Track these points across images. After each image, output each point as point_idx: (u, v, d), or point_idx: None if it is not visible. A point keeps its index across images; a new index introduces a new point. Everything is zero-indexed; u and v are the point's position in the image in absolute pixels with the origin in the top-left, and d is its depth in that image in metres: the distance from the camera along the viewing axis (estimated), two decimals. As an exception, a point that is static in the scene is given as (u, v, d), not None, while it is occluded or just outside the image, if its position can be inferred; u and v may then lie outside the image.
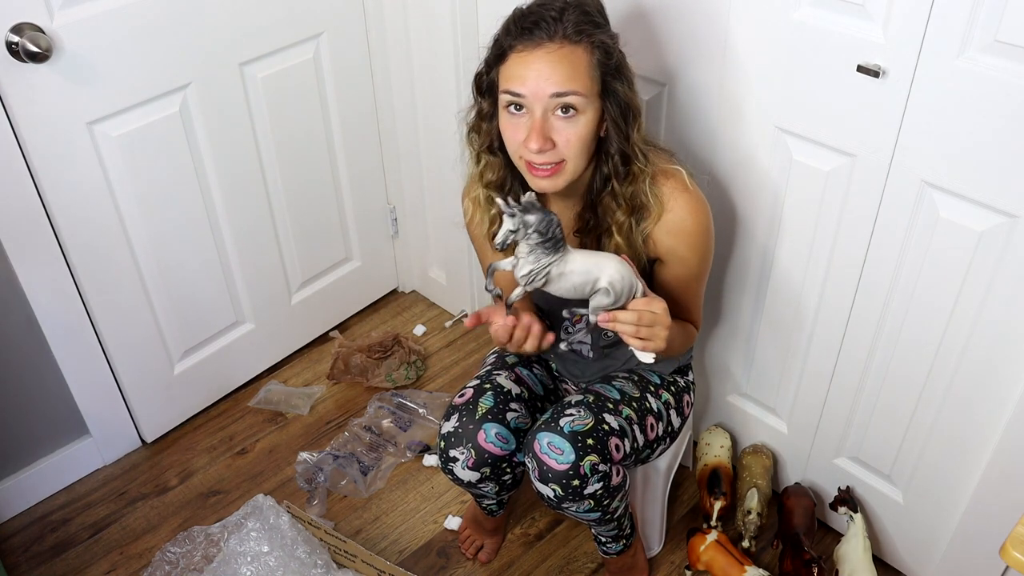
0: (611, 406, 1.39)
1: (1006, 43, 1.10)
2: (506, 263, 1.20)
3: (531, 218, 1.13)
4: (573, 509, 1.36)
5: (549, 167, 1.21)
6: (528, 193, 1.15)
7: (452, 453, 1.41)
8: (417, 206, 2.24)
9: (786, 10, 1.30)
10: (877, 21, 1.21)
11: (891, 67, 1.22)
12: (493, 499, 1.59)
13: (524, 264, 1.17)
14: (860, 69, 1.24)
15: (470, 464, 1.41)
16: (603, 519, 1.41)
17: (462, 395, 1.45)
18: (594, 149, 1.25)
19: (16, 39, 1.43)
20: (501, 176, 1.33)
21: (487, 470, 1.42)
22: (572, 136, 1.19)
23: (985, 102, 1.15)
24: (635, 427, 1.41)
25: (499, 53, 1.21)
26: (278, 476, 1.94)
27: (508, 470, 1.44)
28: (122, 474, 1.96)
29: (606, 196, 1.29)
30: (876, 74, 1.22)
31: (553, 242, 1.15)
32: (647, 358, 1.22)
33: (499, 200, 1.14)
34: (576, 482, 1.31)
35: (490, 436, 1.39)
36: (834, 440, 1.65)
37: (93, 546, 1.80)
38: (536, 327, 1.24)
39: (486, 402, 1.41)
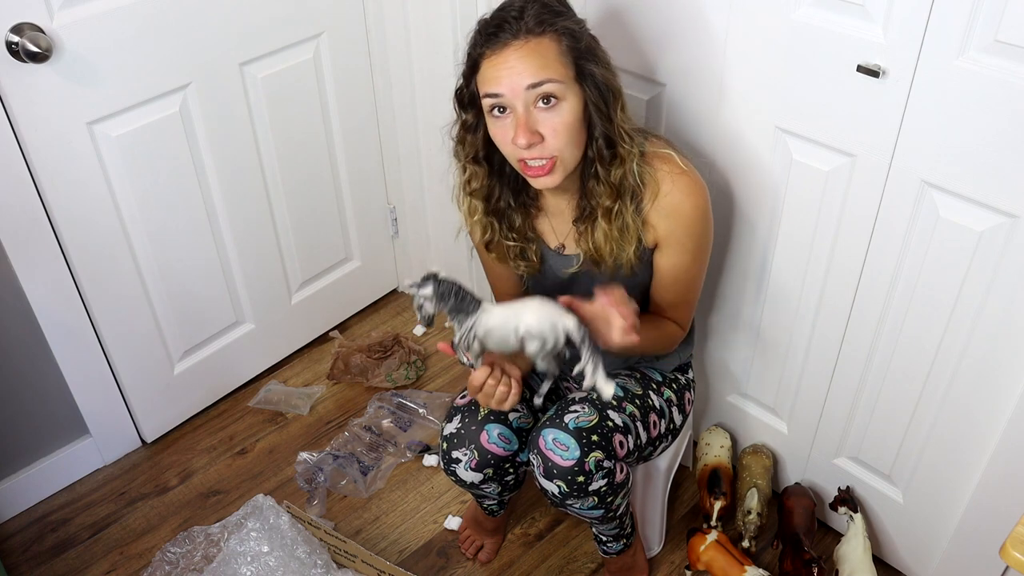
0: (615, 403, 1.40)
1: (1006, 43, 1.10)
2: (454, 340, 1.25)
3: (426, 290, 1.18)
4: (577, 506, 1.36)
5: (543, 163, 1.21)
6: (430, 271, 1.19)
7: (455, 454, 1.41)
8: (417, 206, 2.24)
9: (786, 10, 1.30)
10: (877, 21, 1.21)
11: (891, 67, 1.22)
12: (495, 499, 1.59)
13: (456, 334, 1.21)
14: (860, 69, 1.24)
15: (473, 465, 1.41)
16: (606, 516, 1.41)
17: (464, 396, 1.45)
18: (585, 138, 1.25)
19: (16, 39, 1.43)
20: (486, 185, 1.34)
21: (490, 471, 1.42)
22: (558, 125, 1.19)
23: (985, 102, 1.15)
24: (638, 424, 1.41)
25: (472, 64, 1.23)
26: (278, 476, 1.94)
27: (511, 470, 1.44)
28: (122, 474, 1.96)
29: (591, 180, 1.28)
30: (876, 74, 1.22)
31: (464, 304, 1.19)
32: (608, 391, 1.18)
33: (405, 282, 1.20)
34: (581, 478, 1.31)
35: (493, 437, 1.39)
36: (834, 440, 1.65)
37: (93, 546, 1.80)
38: (511, 388, 1.26)
39: None
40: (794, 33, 1.31)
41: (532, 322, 1.18)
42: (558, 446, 1.32)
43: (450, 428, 1.42)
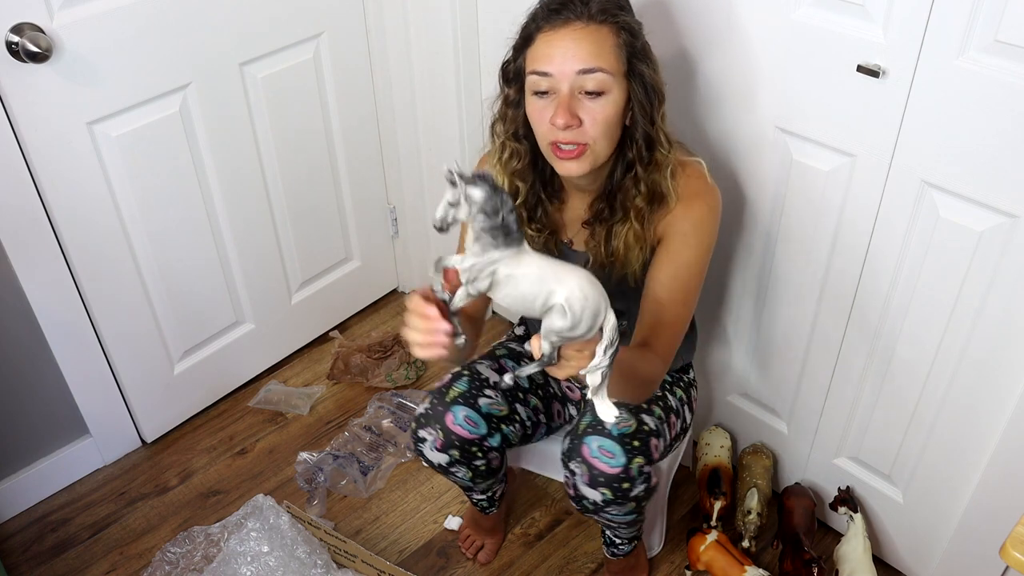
0: (645, 406, 1.39)
1: (1006, 43, 1.10)
2: (456, 258, 0.98)
3: (477, 192, 0.90)
4: (613, 512, 1.34)
5: (575, 148, 1.20)
6: (485, 171, 0.97)
7: (421, 433, 1.42)
8: (417, 206, 2.24)
9: (786, 10, 1.30)
10: (877, 21, 1.21)
11: (891, 67, 1.22)
12: (473, 488, 1.56)
13: (468, 256, 0.95)
14: (860, 69, 1.24)
15: (438, 446, 1.40)
16: (635, 520, 1.41)
17: (441, 380, 1.45)
18: (619, 136, 1.25)
19: (16, 39, 1.43)
20: (525, 164, 1.32)
21: (456, 453, 1.41)
22: (599, 115, 1.19)
23: (985, 102, 1.15)
24: (665, 426, 1.41)
25: (526, 37, 1.22)
26: (278, 476, 1.94)
27: (479, 455, 1.43)
28: (122, 474, 1.96)
29: (627, 181, 1.27)
30: (876, 74, 1.23)
31: (504, 231, 0.92)
32: (609, 416, 1.00)
33: (446, 166, 0.92)
34: (626, 485, 1.30)
35: (458, 419, 1.39)
36: (834, 440, 1.65)
37: (93, 546, 1.80)
38: (446, 336, 1.01)
39: (460, 386, 1.42)
40: (794, 33, 1.31)
41: (577, 297, 0.92)
42: (604, 453, 1.29)
43: (420, 408, 1.43)
